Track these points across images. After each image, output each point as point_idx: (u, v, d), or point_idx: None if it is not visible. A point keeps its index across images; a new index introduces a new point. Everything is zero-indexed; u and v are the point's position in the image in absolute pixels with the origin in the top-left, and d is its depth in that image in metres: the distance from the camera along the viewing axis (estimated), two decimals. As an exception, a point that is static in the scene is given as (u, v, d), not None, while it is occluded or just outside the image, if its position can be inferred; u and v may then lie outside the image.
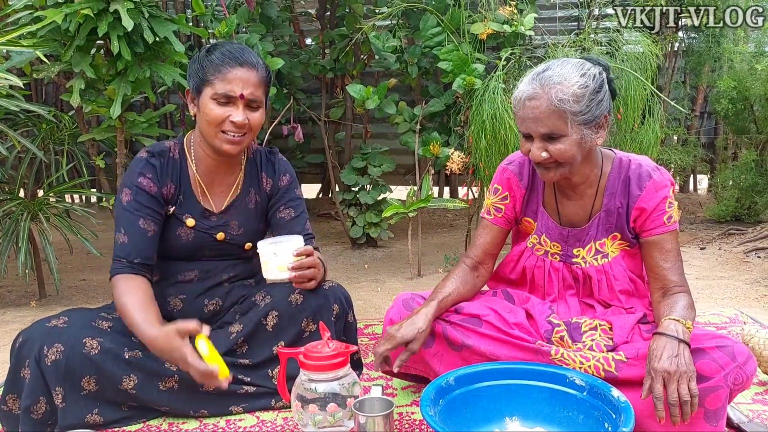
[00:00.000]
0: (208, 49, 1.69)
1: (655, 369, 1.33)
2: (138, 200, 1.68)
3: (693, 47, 4.35)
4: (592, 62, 1.54)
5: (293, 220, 1.84)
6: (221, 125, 1.64)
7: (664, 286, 1.54)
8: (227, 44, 1.70)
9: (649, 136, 3.19)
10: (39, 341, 1.53)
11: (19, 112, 2.86)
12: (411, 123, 3.44)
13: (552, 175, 1.54)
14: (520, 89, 1.52)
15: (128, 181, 1.70)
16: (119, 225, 1.68)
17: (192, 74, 1.68)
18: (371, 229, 3.79)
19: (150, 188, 1.69)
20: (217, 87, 1.62)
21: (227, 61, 1.63)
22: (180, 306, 1.78)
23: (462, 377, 1.49)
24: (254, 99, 1.66)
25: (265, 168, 1.85)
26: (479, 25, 3.17)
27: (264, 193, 1.85)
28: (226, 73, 1.62)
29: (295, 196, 1.87)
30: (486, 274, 1.77)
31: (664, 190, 1.56)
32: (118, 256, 1.65)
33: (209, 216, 1.78)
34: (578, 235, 1.67)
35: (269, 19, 3.60)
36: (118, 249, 1.66)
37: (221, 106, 1.64)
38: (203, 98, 1.65)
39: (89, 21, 2.36)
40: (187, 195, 1.76)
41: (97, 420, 1.57)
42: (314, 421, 1.50)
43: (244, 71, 1.64)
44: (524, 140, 1.54)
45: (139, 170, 1.70)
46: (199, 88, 1.66)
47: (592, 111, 1.48)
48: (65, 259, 3.72)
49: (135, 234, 1.66)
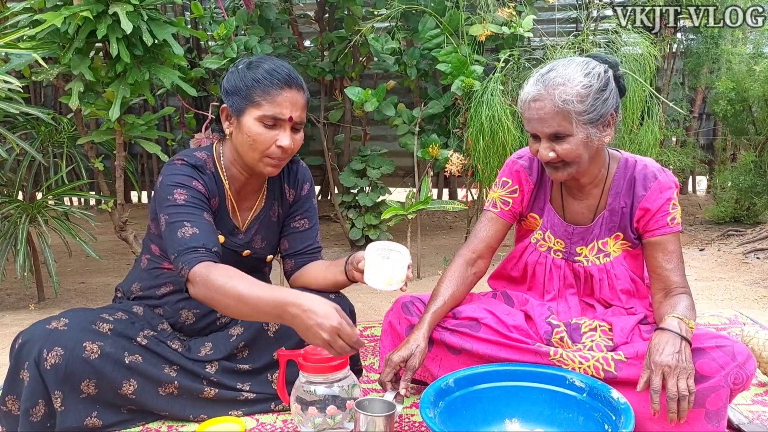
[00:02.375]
0: (249, 65, 1.60)
1: (656, 362, 1.33)
2: (197, 197, 1.59)
3: (691, 48, 4.36)
4: (598, 60, 1.55)
5: (306, 231, 1.83)
6: (266, 149, 1.58)
7: (666, 287, 1.55)
8: (268, 60, 1.61)
9: (648, 138, 3.20)
10: (38, 344, 1.51)
11: (18, 114, 2.86)
12: (410, 125, 3.44)
13: (560, 174, 1.55)
14: (525, 91, 1.53)
15: (178, 182, 1.59)
16: (181, 220, 1.54)
17: (232, 92, 1.59)
18: (370, 231, 3.79)
19: (205, 192, 1.63)
20: (265, 109, 1.55)
21: (276, 82, 1.55)
22: (192, 320, 1.76)
23: (462, 379, 1.48)
24: (301, 121, 1.61)
25: (287, 178, 1.81)
26: (478, 26, 3.17)
27: (287, 204, 1.83)
28: (275, 95, 1.55)
29: (312, 205, 1.85)
30: (482, 268, 1.76)
31: (669, 192, 1.57)
32: (192, 246, 1.50)
33: (237, 234, 1.75)
34: (582, 234, 1.67)
35: (268, 22, 3.60)
36: (188, 240, 1.51)
37: (268, 129, 1.57)
38: (246, 119, 1.57)
39: (88, 23, 2.36)
40: (221, 211, 1.71)
41: (96, 423, 1.57)
42: (314, 423, 1.50)
43: (293, 93, 1.58)
44: (532, 140, 1.56)
45: (189, 174, 1.61)
46: (241, 108, 1.58)
47: (598, 110, 1.49)
48: (64, 261, 3.72)
49: (204, 225, 1.56)
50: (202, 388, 1.66)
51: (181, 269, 1.49)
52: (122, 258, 3.93)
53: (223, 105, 1.63)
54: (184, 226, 1.53)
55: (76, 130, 3.29)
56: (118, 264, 3.82)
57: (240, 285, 1.42)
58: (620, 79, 1.57)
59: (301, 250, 1.84)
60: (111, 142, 2.86)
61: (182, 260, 1.49)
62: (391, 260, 1.56)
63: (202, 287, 1.46)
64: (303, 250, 1.84)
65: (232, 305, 1.43)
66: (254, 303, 1.40)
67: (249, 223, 1.77)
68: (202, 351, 1.71)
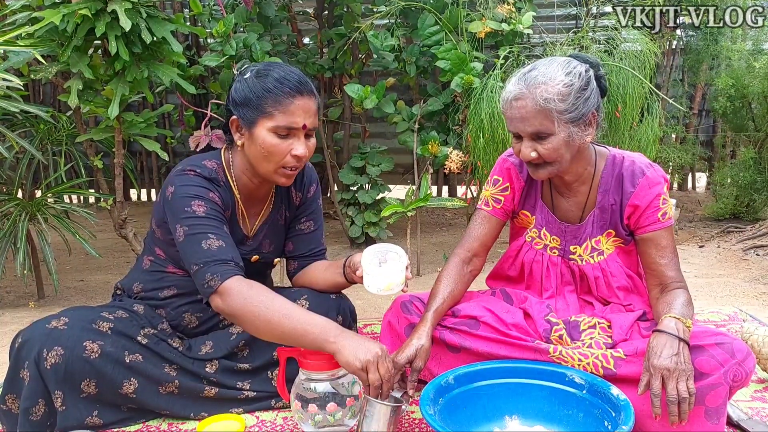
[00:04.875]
0: (257, 73, 1.55)
1: (654, 366, 1.33)
2: (216, 210, 1.58)
3: (691, 45, 4.36)
4: (579, 60, 1.55)
5: (311, 234, 1.83)
6: (282, 159, 1.55)
7: (661, 282, 1.55)
8: (276, 67, 1.56)
9: (648, 134, 3.20)
10: (38, 343, 1.51)
11: (17, 112, 2.85)
12: (409, 122, 3.44)
13: (542, 173, 1.55)
14: (506, 90, 1.53)
15: (195, 193, 1.56)
16: (204, 231, 1.52)
17: (242, 103, 1.55)
18: (370, 228, 3.79)
19: (222, 205, 1.61)
20: (278, 120, 1.51)
21: (287, 90, 1.51)
22: (194, 323, 1.76)
23: (461, 376, 1.48)
24: (314, 127, 1.58)
25: (294, 182, 1.76)
26: (477, 23, 3.17)
27: (294, 207, 1.82)
28: (287, 104, 1.51)
29: (317, 206, 1.84)
30: (478, 266, 1.76)
31: (658, 187, 1.57)
32: (222, 259, 1.49)
33: (246, 240, 1.74)
34: (575, 232, 1.67)
35: (267, 19, 3.60)
36: (219, 252, 1.50)
37: (282, 139, 1.53)
38: (259, 130, 1.53)
39: (87, 21, 2.35)
40: (232, 221, 1.69)
41: (96, 422, 1.57)
42: (314, 420, 1.50)
43: (305, 100, 1.54)
44: (515, 140, 1.56)
45: (206, 186, 1.59)
46: (252, 119, 1.54)
47: (579, 109, 1.49)
48: (64, 259, 3.72)
49: (228, 239, 1.55)
50: (202, 388, 1.66)
51: (209, 280, 1.47)
52: (122, 255, 3.93)
53: (233, 117, 1.59)
54: (209, 238, 1.51)
55: (75, 128, 3.28)
56: (118, 262, 3.83)
57: (285, 308, 1.42)
58: (601, 79, 1.57)
59: (305, 252, 1.84)
60: (110, 139, 2.86)
61: (211, 271, 1.47)
62: (388, 264, 1.55)
63: (238, 300, 1.44)
64: (307, 253, 1.84)
65: (262, 325, 1.42)
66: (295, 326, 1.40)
67: (257, 229, 1.76)
68: (203, 350, 1.71)
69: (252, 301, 1.43)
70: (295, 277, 1.86)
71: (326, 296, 1.75)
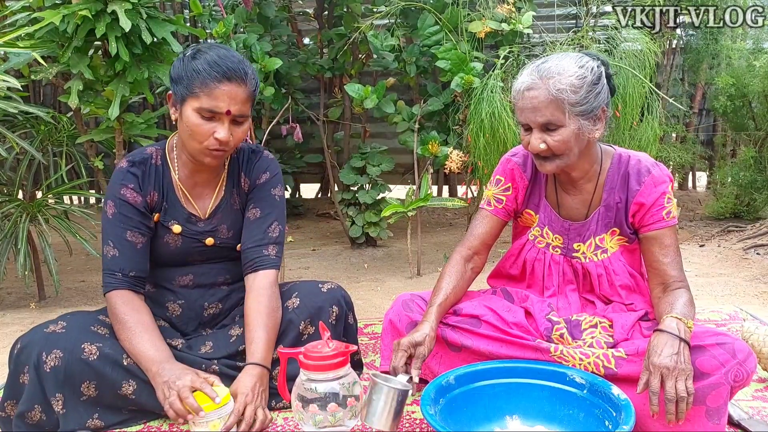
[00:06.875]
0: (194, 53, 1.58)
1: (654, 364, 1.33)
2: (122, 212, 1.64)
3: (691, 44, 4.36)
4: (591, 57, 1.56)
5: (255, 222, 1.75)
6: (204, 140, 1.58)
7: (664, 281, 1.55)
8: (214, 49, 1.59)
9: (648, 134, 3.20)
10: (37, 347, 1.51)
11: (18, 113, 2.86)
12: (410, 122, 3.44)
13: (549, 166, 1.55)
14: (519, 81, 1.54)
15: (111, 193, 1.66)
16: (107, 238, 1.64)
17: (175, 79, 1.59)
18: (370, 228, 3.79)
19: (134, 199, 1.66)
20: (202, 101, 1.54)
21: (214, 74, 1.53)
22: (178, 311, 1.77)
23: (462, 376, 1.48)
24: (241, 114, 1.59)
25: (244, 167, 1.78)
26: (477, 23, 3.17)
27: (243, 192, 1.79)
28: (213, 88, 1.53)
29: (267, 195, 1.78)
30: (480, 265, 1.76)
31: (663, 186, 1.57)
32: (111, 269, 1.62)
33: (196, 222, 1.74)
34: (579, 230, 1.67)
35: (267, 19, 3.60)
36: (109, 262, 1.63)
37: (206, 120, 1.56)
38: (186, 108, 1.57)
39: (87, 22, 2.35)
40: (172, 201, 1.72)
41: (98, 424, 1.57)
42: (315, 421, 1.50)
43: (232, 86, 1.55)
44: (524, 131, 1.56)
45: (121, 181, 1.66)
46: (183, 97, 1.58)
47: (590, 102, 1.50)
48: (64, 260, 3.72)
49: (125, 247, 1.64)
50: (202, 388, 1.66)
51: (102, 287, 1.65)
52: (122, 256, 3.93)
53: (169, 91, 1.65)
54: (108, 245, 1.65)
55: (75, 129, 3.29)
56: (119, 262, 3.82)
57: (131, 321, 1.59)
58: (610, 78, 1.58)
59: (249, 245, 1.74)
60: (110, 140, 2.86)
61: (103, 280, 1.64)
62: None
63: (111, 312, 1.62)
64: (251, 246, 1.74)
65: (121, 340, 1.59)
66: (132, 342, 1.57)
67: (211, 211, 1.76)
68: (203, 350, 1.71)
69: (118, 317, 1.60)
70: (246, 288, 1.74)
71: (317, 290, 1.74)
